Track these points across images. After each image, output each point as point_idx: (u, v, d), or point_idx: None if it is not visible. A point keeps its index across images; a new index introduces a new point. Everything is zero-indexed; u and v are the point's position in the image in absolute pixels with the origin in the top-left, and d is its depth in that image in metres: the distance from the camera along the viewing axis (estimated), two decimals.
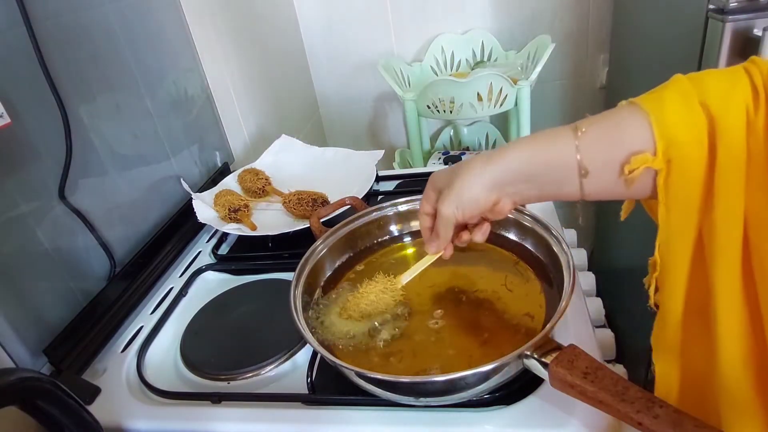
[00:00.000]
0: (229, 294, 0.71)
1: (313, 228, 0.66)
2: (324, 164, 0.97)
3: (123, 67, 0.79)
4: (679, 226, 0.40)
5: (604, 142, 0.41)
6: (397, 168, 1.52)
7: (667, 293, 0.43)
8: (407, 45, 1.56)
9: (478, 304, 0.56)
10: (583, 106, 1.61)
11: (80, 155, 0.68)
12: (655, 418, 0.35)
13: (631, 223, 0.47)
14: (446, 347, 0.52)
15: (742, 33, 0.81)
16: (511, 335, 0.52)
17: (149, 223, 0.81)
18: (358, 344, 0.53)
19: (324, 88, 1.66)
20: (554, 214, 0.77)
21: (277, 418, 0.51)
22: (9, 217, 0.58)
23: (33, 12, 0.62)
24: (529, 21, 1.48)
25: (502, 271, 0.60)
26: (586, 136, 0.41)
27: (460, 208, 0.46)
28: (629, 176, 0.39)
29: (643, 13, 1.20)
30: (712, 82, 0.38)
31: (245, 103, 1.14)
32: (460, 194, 0.46)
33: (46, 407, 0.35)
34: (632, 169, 0.39)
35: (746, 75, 0.38)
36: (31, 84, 0.62)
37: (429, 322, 0.54)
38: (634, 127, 0.39)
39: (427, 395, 0.48)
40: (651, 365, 0.45)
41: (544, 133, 0.43)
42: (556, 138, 0.42)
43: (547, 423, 0.46)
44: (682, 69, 0.41)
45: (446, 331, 0.54)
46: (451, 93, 1.23)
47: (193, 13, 0.96)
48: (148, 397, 0.57)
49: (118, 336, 0.67)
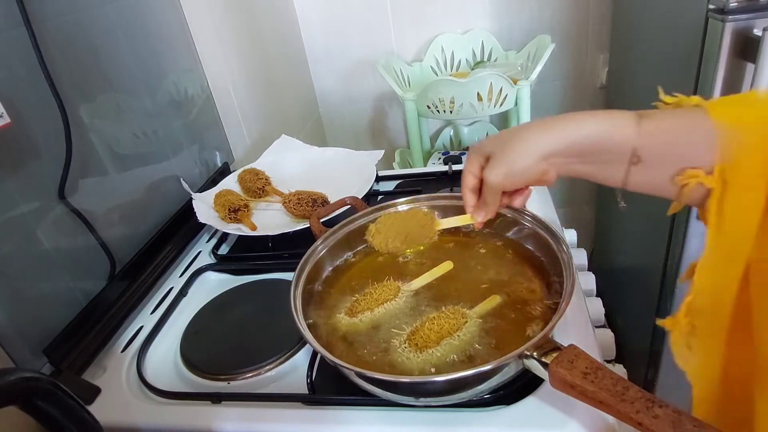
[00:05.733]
0: (229, 294, 0.71)
1: (313, 228, 0.66)
2: (324, 164, 0.97)
3: (123, 67, 0.79)
4: (727, 255, 0.38)
5: (666, 138, 0.39)
6: (397, 168, 1.52)
7: (706, 320, 0.40)
8: (407, 45, 1.56)
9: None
10: (583, 106, 1.61)
11: (80, 155, 0.68)
12: (655, 418, 0.35)
13: (631, 223, 0.47)
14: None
15: (742, 33, 0.81)
16: (511, 335, 0.52)
17: (149, 223, 0.81)
18: (365, 342, 0.53)
19: (324, 88, 1.66)
20: (554, 214, 0.77)
21: (277, 418, 0.51)
22: (9, 217, 0.58)
23: (33, 12, 0.62)
24: (529, 21, 1.48)
25: (502, 272, 0.60)
26: (650, 125, 0.39)
27: (510, 177, 0.45)
28: (680, 186, 0.39)
29: (643, 13, 1.20)
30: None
31: (245, 103, 1.14)
32: (513, 164, 0.44)
33: (46, 407, 0.35)
34: (684, 182, 0.38)
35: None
36: (31, 84, 0.62)
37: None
38: (700, 135, 0.38)
39: (427, 395, 0.48)
40: (651, 365, 0.45)
41: (608, 112, 0.41)
42: (620, 118, 0.41)
43: (547, 423, 0.46)
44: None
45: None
46: (451, 93, 1.23)
47: (193, 13, 0.96)
48: (148, 397, 0.57)
49: (118, 336, 0.67)
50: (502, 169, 0.45)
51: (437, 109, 1.27)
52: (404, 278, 0.60)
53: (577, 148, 0.42)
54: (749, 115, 0.37)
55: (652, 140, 0.39)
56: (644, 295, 1.28)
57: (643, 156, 0.40)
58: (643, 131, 0.39)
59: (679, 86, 0.98)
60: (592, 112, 0.42)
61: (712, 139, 0.37)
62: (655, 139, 0.39)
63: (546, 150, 0.43)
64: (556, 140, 0.42)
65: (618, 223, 1.51)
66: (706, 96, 0.88)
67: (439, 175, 0.93)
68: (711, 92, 0.87)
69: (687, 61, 0.92)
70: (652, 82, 1.17)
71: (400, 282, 0.59)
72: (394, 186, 0.94)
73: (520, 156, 0.44)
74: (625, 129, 0.40)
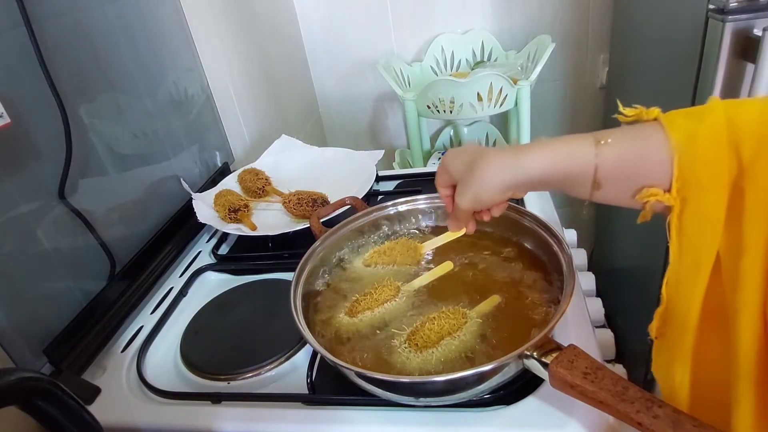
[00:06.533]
0: (229, 294, 0.71)
1: (313, 228, 0.66)
2: (324, 164, 0.97)
3: (123, 67, 0.79)
4: (691, 267, 0.39)
5: (623, 162, 0.40)
6: (397, 168, 1.52)
7: (675, 329, 0.42)
8: (407, 45, 1.56)
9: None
10: (583, 106, 1.61)
11: (80, 155, 0.68)
12: (655, 418, 0.35)
13: (631, 223, 0.47)
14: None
15: (742, 33, 0.81)
16: (511, 335, 0.52)
17: (149, 223, 0.81)
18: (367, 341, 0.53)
19: (324, 88, 1.66)
20: (554, 214, 0.77)
21: (277, 418, 0.51)
22: (9, 217, 0.58)
23: (33, 12, 0.62)
24: (529, 21, 1.48)
25: (502, 272, 0.60)
26: (607, 150, 0.40)
27: (478, 202, 0.47)
28: (640, 203, 0.40)
29: (643, 13, 1.20)
30: (749, 122, 0.37)
31: (245, 103, 1.14)
32: (479, 192, 0.46)
33: (46, 407, 0.35)
34: (643, 200, 0.39)
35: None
36: (31, 84, 0.62)
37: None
38: (656, 155, 0.38)
39: (427, 395, 0.48)
40: (650, 366, 0.45)
41: (565, 141, 0.42)
42: (576, 148, 0.42)
43: (547, 423, 0.46)
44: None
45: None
46: (451, 93, 1.23)
47: (193, 13, 0.96)
48: (148, 397, 0.57)
49: (118, 336, 0.67)
50: (469, 196, 0.47)
51: (437, 109, 1.27)
52: (404, 278, 0.60)
53: (536, 180, 0.44)
54: (704, 126, 0.37)
55: (610, 165, 0.40)
56: (644, 295, 1.28)
57: (603, 181, 0.41)
58: (601, 159, 0.40)
59: (679, 86, 0.98)
60: (553, 143, 0.43)
61: (669, 156, 0.38)
62: (612, 163, 0.40)
63: (507, 184, 0.45)
64: (519, 173, 0.44)
65: (618, 223, 1.51)
66: (706, 95, 0.88)
67: None
68: (711, 92, 0.87)
69: (687, 61, 0.92)
70: (652, 82, 1.18)
71: (400, 282, 0.59)
72: (394, 186, 0.94)
73: (486, 187, 0.46)
74: (583, 159, 0.41)
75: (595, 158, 0.40)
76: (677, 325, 0.41)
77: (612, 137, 0.41)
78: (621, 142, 0.40)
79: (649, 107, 0.41)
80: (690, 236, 0.39)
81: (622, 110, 0.42)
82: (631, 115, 0.42)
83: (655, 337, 0.44)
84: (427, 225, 0.69)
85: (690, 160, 0.37)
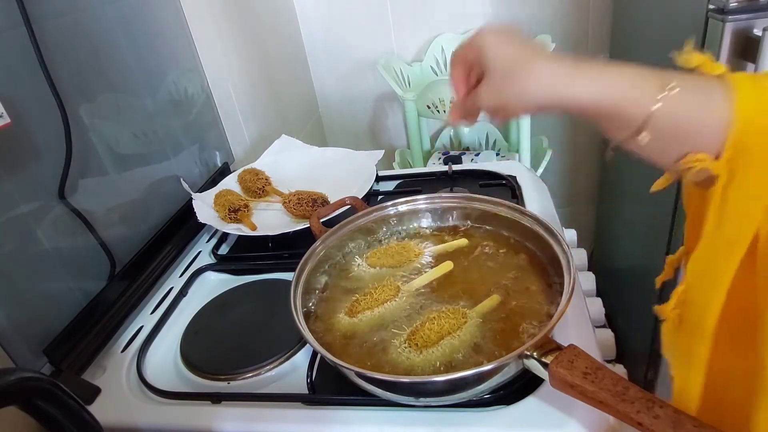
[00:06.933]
0: (229, 294, 0.71)
1: (313, 228, 0.66)
2: (324, 164, 0.97)
3: (123, 67, 0.79)
4: (725, 245, 0.36)
5: (680, 117, 0.35)
6: (397, 168, 1.52)
7: (698, 309, 0.38)
8: (407, 45, 1.56)
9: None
10: None
11: (80, 155, 0.68)
12: (655, 418, 0.35)
13: (631, 223, 0.47)
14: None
15: (742, 33, 0.81)
16: (512, 335, 0.52)
17: (149, 223, 0.81)
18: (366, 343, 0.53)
19: (324, 88, 1.66)
20: (554, 214, 0.77)
21: (277, 418, 0.51)
22: (9, 217, 0.58)
23: (33, 12, 0.62)
24: (529, 21, 1.48)
25: (502, 271, 0.60)
26: (670, 99, 0.35)
27: (505, 108, 0.41)
28: (682, 167, 0.36)
29: (643, 13, 1.20)
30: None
31: (245, 103, 1.14)
32: (513, 99, 0.40)
33: (46, 407, 0.35)
34: (687, 165, 0.35)
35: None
36: (31, 84, 0.62)
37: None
38: (713, 117, 0.34)
39: (427, 395, 0.48)
40: (651, 365, 0.45)
41: (630, 73, 0.37)
42: (641, 84, 0.36)
43: (547, 423, 0.46)
44: (682, 69, 0.40)
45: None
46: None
47: (193, 13, 0.96)
48: (148, 397, 0.57)
49: (118, 336, 0.67)
50: (498, 97, 0.41)
51: (437, 109, 1.27)
52: (404, 278, 0.60)
53: (583, 106, 0.37)
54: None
55: (666, 117, 0.35)
56: (644, 296, 1.28)
57: (652, 131, 0.36)
58: (661, 107, 0.35)
59: None
60: (610, 69, 0.37)
61: (725, 120, 0.34)
62: (668, 116, 0.35)
63: (550, 101, 0.38)
64: (562, 96, 0.38)
65: (618, 223, 1.51)
66: None
67: (439, 175, 0.93)
68: None
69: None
70: None
71: (400, 282, 0.59)
72: (394, 186, 0.94)
73: (521, 98, 0.39)
74: (642, 100, 0.35)
75: (656, 104, 0.35)
76: (698, 308, 0.38)
77: (679, 85, 0.35)
78: (685, 94, 0.35)
79: None
80: (731, 212, 0.35)
81: (684, 59, 0.37)
82: (698, 62, 0.37)
83: (665, 318, 0.40)
84: (427, 225, 0.69)
85: (748, 127, 0.33)
